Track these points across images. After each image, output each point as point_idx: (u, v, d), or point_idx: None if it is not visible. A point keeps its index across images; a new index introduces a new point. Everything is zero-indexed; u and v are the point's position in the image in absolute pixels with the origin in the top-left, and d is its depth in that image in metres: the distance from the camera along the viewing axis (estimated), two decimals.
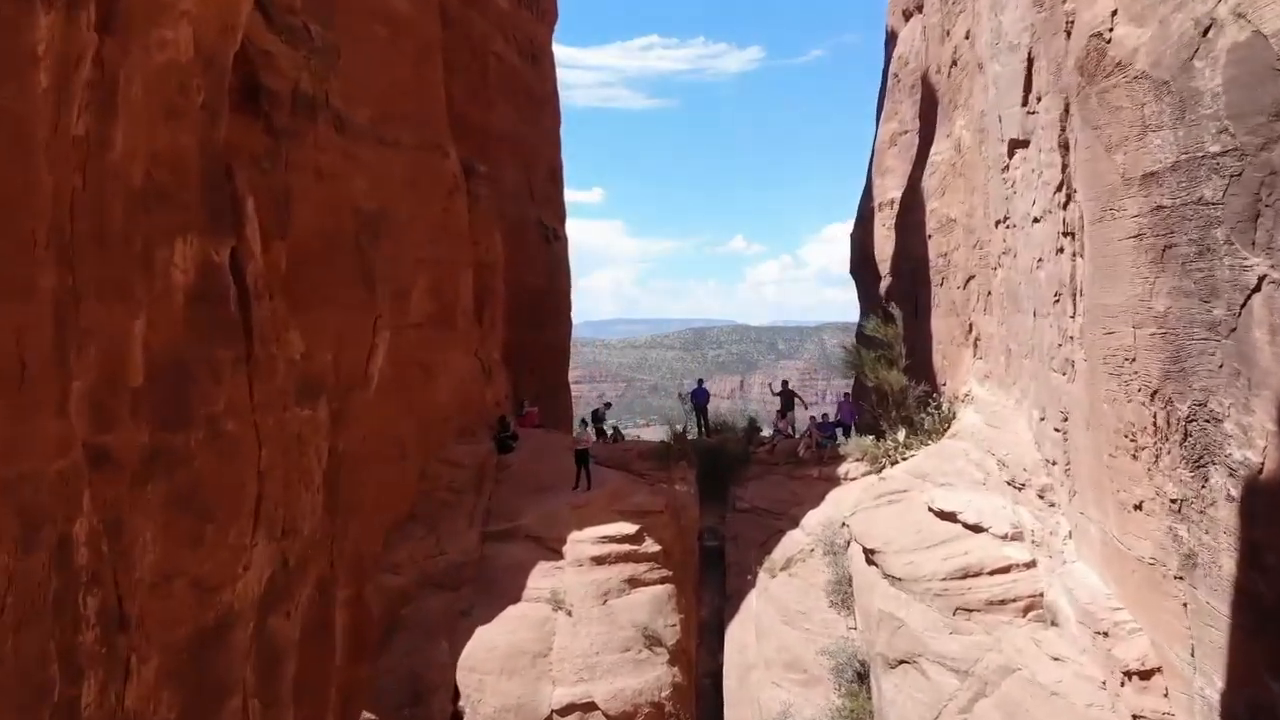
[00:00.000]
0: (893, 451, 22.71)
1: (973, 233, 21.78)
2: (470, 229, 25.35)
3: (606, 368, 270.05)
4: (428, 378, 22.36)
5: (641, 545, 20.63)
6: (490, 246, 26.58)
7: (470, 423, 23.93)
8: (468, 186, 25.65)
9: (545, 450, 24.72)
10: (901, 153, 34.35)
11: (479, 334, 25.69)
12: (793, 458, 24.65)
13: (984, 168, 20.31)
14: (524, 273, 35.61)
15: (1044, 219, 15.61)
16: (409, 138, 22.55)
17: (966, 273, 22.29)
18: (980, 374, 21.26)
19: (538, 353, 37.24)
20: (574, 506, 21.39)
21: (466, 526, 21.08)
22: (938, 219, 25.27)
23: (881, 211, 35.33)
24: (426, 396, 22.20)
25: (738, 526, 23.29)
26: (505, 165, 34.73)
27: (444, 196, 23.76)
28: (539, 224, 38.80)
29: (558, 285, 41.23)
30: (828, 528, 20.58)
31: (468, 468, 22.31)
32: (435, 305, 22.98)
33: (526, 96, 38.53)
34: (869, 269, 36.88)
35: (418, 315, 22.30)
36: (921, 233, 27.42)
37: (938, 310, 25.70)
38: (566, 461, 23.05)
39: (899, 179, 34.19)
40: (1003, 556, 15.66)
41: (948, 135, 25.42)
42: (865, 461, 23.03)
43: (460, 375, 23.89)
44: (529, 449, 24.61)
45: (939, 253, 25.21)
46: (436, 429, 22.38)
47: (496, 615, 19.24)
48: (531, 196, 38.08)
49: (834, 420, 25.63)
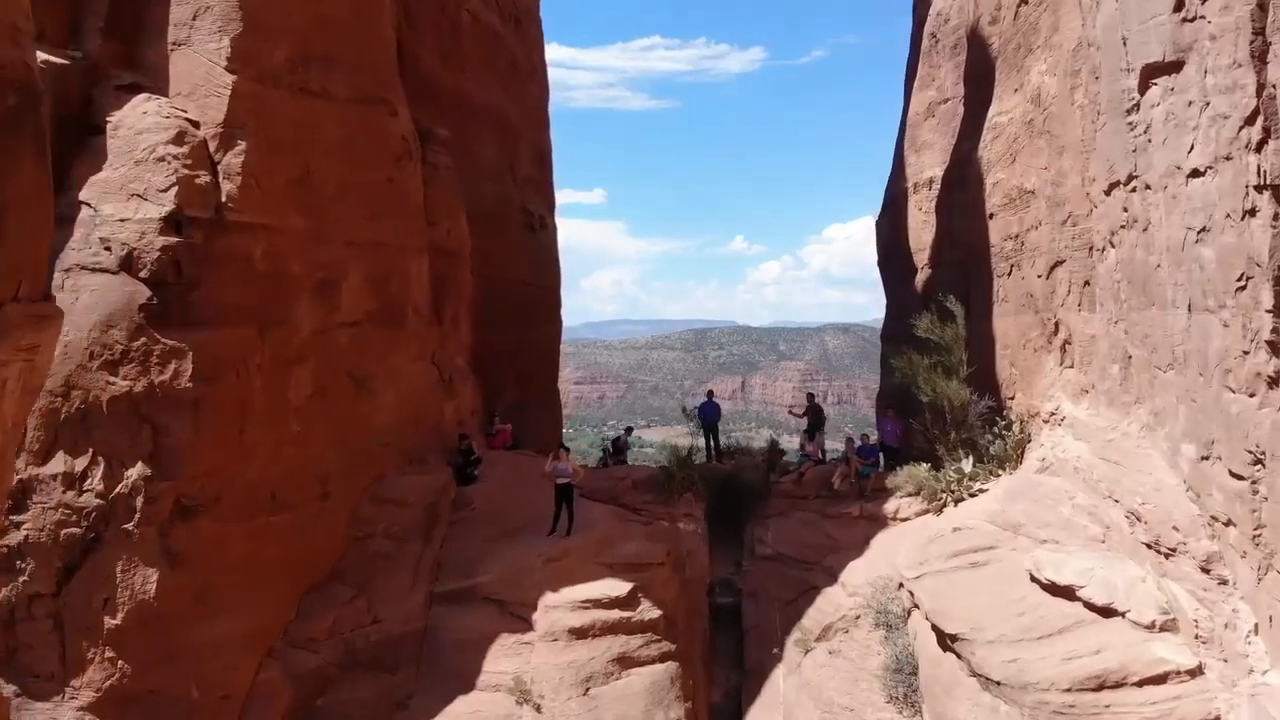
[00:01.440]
0: (955, 485, 17.90)
1: (1061, 205, 16.97)
2: (426, 206, 20.54)
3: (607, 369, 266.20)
4: (362, 392, 17.54)
5: (635, 611, 15.83)
6: (453, 229, 21.74)
7: (421, 446, 19.09)
8: (424, 155, 20.85)
9: (519, 479, 19.89)
10: (941, 124, 29.50)
11: (437, 335, 20.86)
12: (826, 490, 19.80)
13: (1085, 117, 15.49)
14: (504, 264, 30.79)
15: (1214, 170, 10.86)
16: (341, 87, 17.74)
17: (1051, 257, 17.47)
18: (1074, 388, 16.44)
19: (521, 357, 32.38)
20: (549, 559, 16.59)
21: (409, 585, 16.27)
22: (1004, 193, 20.43)
23: (917, 193, 30.48)
24: (360, 416, 17.39)
25: (758, 578, 18.47)
26: (482, 140, 29.91)
27: (390, 163, 18.94)
28: (523, 210, 33.94)
29: (545, 280, 36.35)
30: (879, 588, 15.77)
31: (414, 506, 17.48)
32: (376, 300, 18.16)
33: (509, 65, 33.64)
34: (901, 260, 32.01)
35: (351, 312, 17.49)
36: (977, 214, 22.58)
37: (1002, 307, 20.85)
38: (544, 494, 18.23)
39: (939, 154, 29.35)
40: (1154, 658, 10.90)
41: (1016, 90, 20.59)
42: (920, 498, 18.22)
43: (410, 387, 19.07)
44: (498, 478, 19.79)
45: (1005, 235, 20.36)
46: (373, 457, 17.55)
47: (443, 709, 14.48)
48: (514, 178, 33.23)
49: (875, 443, 20.72)
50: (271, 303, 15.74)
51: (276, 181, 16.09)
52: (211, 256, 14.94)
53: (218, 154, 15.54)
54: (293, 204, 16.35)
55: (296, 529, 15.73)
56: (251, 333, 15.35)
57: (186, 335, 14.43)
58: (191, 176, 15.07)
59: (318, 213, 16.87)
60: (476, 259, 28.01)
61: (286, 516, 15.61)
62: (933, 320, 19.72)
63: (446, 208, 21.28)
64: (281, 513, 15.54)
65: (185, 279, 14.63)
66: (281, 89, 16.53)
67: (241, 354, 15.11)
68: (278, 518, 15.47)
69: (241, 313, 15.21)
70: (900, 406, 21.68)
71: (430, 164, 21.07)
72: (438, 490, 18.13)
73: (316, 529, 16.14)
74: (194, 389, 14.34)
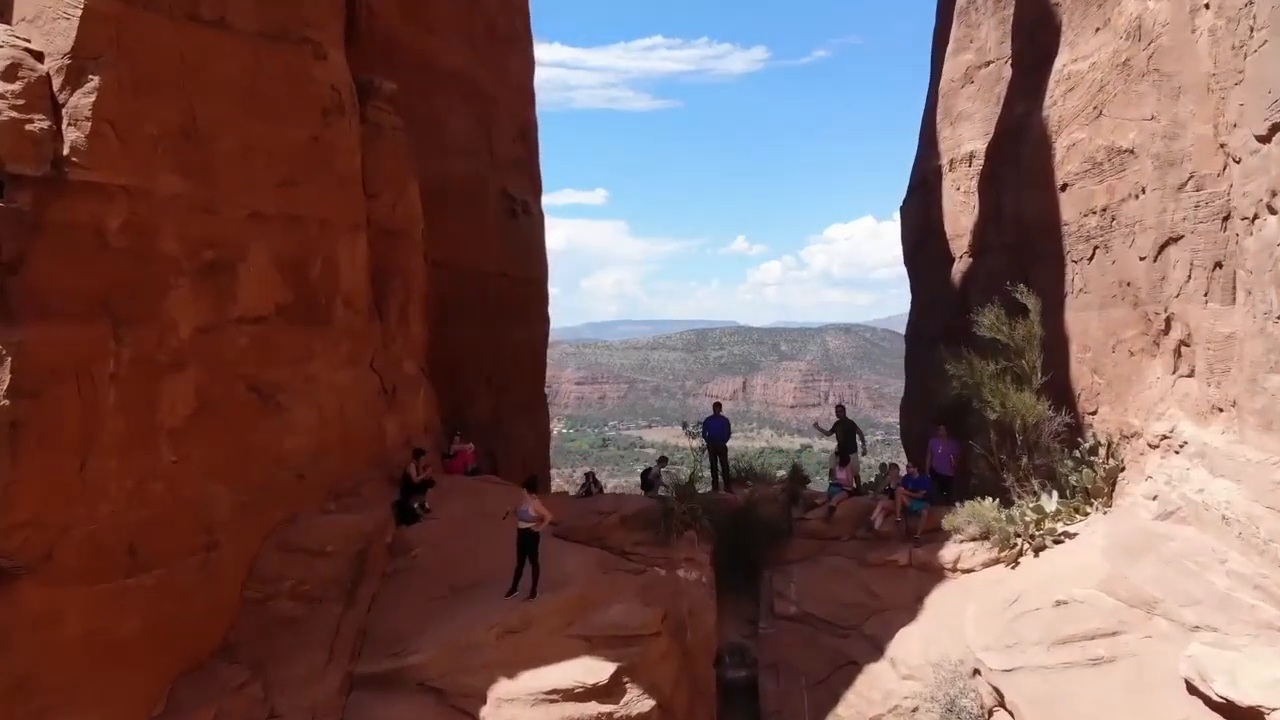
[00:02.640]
0: (1035, 528, 13.91)
1: (1177, 164, 12.98)
2: (365, 174, 16.59)
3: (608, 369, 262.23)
4: (268, 408, 13.58)
5: (620, 703, 11.87)
6: (400, 204, 17.70)
7: (352, 475, 15.12)
8: (363, 112, 16.89)
9: (479, 514, 15.87)
10: (983, 90, 25.51)
11: (378, 334, 16.89)
12: (864, 530, 15.77)
13: (1219, 43, 11.49)
14: (476, 252, 26.80)
15: None
16: (247, 17, 13.79)
17: (1161, 233, 13.48)
18: (1200, 404, 12.44)
19: (497, 360, 28.39)
20: (506, 630, 12.58)
21: (321, 664, 12.28)
22: (1084, 156, 16.42)
23: (954, 171, 26.48)
24: (264, 439, 13.42)
25: (780, 646, 14.45)
26: (450, 109, 25.92)
27: (314, 117, 14.98)
28: (502, 193, 29.94)
29: (529, 273, 32.34)
30: (944, 673, 11.76)
31: (334, 556, 13.50)
32: (290, 289, 14.22)
33: (485, 28, 29.63)
34: (933, 249, 28.02)
35: (253, 304, 13.53)
36: (1040, 186, 18.59)
37: (1080, 299, 16.85)
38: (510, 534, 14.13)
39: (980, 125, 25.36)
40: None
41: (1098, 29, 16.57)
42: (988, 543, 14.20)
43: (337, 400, 15.10)
44: (451, 515, 15.80)
45: (1086, 209, 16.36)
46: (282, 492, 13.59)
47: None
48: (491, 155, 29.22)
49: (925, 472, 16.57)
50: (133, 291, 11.76)
51: (144, 131, 12.13)
52: (44, 226, 10.98)
53: (62, 93, 11.59)
54: (168, 161, 12.38)
55: (167, 593, 11.76)
56: (101, 331, 11.37)
57: (1, 334, 10.50)
58: (20, 121, 11.11)
59: (206, 174, 12.91)
60: (441, 244, 24.02)
61: (153, 577, 11.66)
62: (998, 316, 15.67)
63: (392, 177, 17.29)
64: (145, 572, 11.58)
65: (3, 257, 10.70)
66: (157, 12, 12.56)
67: (85, 359, 11.14)
68: (139, 579, 11.51)
69: (86, 303, 11.25)
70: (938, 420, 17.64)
71: (372, 123, 17.10)
72: (369, 533, 14.15)
73: (197, 592, 12.16)
74: (11, 407, 10.39)
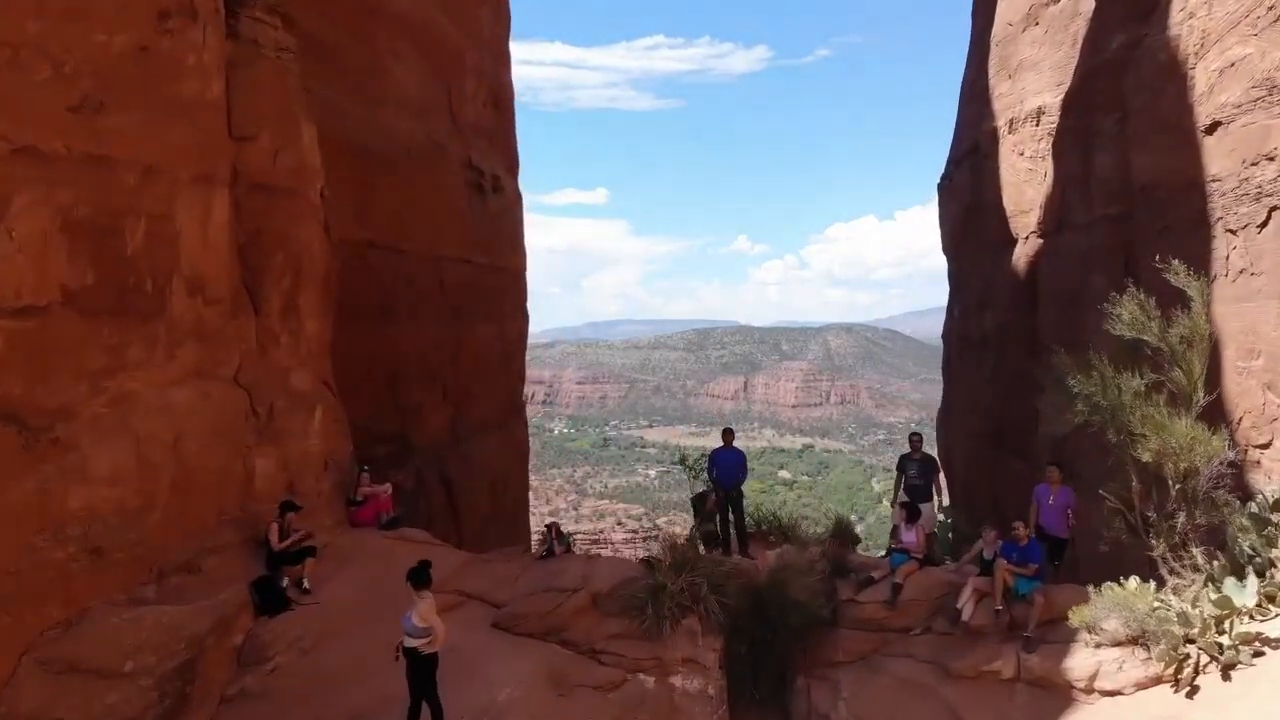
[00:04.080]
0: (1217, 630, 9.05)
1: None
2: (233, 109, 11.74)
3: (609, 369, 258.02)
4: (36, 449, 8.69)
5: None
6: (289, 153, 12.70)
7: (188, 542, 10.25)
8: (233, 23, 12.04)
9: (379, 595, 10.89)
10: (1054, 31, 20.60)
11: (249, 333, 12.00)
12: (948, 621, 10.80)
13: None
14: (429, 232, 21.98)
15: None
16: None
17: None
18: None
19: (458, 364, 23.59)
20: None
21: None
22: (1252, 79, 11.54)
23: (1015, 133, 21.58)
24: (31, 496, 8.56)
25: None
26: (398, 58, 21.11)
27: (145, 20, 10.10)
28: (466, 164, 25.12)
29: (500, 259, 27.54)
30: None
31: (135, 679, 8.64)
32: (90, 265, 9.34)
33: None
34: (988, 230, 23.17)
35: (17, 288, 8.66)
36: (1167, 131, 13.74)
37: (1243, 283, 12.01)
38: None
39: (1050, 74, 20.47)
40: None
41: None
42: (1151, 655, 9.30)
43: (169, 429, 10.22)
44: (335, 598, 10.91)
45: (1258, 153, 11.49)
46: (58, 576, 8.73)
47: None
48: (453, 120, 24.42)
49: (1031, 531, 11.23)
50: None
51: None
52: None
53: None
54: None
55: None
56: None
57: None
58: None
59: None
60: (378, 219, 19.17)
61: None
62: (1140, 310, 10.72)
63: (275, 115, 12.37)
64: None
65: None
66: None
67: None
68: None
69: None
70: (1050, 458, 12.76)
71: (246, 39, 12.21)
72: (201, 635, 9.26)
73: None
74: None
